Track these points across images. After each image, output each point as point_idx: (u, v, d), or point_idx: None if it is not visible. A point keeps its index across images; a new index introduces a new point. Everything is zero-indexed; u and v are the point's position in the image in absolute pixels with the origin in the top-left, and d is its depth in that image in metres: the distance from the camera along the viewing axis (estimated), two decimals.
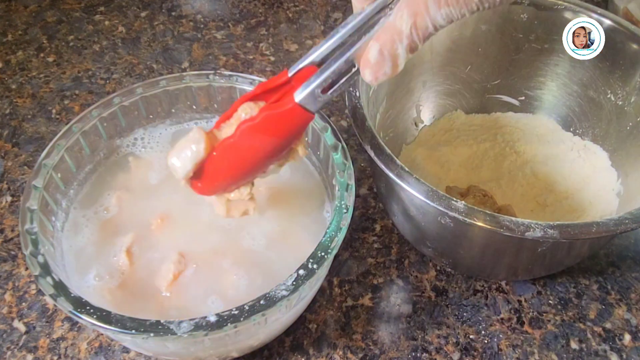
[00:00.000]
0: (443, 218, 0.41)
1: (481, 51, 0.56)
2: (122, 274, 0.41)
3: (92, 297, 0.37)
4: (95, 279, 0.40)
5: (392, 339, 0.47)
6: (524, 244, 0.41)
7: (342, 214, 0.39)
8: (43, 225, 0.39)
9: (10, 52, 0.70)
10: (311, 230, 0.44)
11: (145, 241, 0.43)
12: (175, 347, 0.37)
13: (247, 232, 0.44)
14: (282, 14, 0.77)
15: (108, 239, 0.43)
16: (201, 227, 0.44)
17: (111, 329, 0.33)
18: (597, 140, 0.54)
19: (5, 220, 0.54)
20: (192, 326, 0.33)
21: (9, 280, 0.50)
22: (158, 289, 0.41)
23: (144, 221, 0.44)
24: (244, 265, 0.42)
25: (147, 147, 0.48)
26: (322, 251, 0.37)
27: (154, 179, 0.46)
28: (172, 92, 0.47)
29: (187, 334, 0.33)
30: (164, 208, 0.44)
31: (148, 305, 0.40)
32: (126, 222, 0.44)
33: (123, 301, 0.40)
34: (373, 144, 0.42)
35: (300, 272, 0.36)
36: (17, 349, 0.46)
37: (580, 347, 0.48)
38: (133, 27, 0.75)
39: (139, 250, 0.42)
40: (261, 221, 0.44)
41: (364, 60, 0.32)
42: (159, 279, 0.41)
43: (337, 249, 0.37)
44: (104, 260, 0.42)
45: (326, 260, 0.36)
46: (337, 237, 0.37)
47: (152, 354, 0.42)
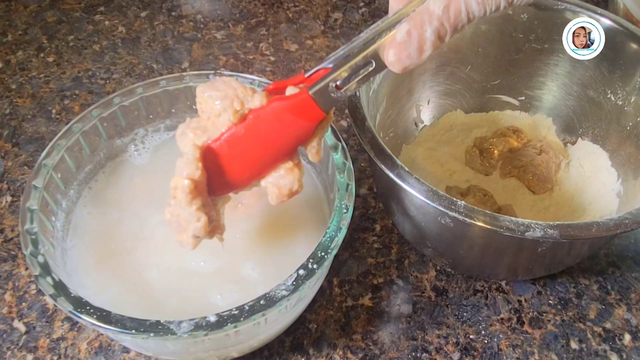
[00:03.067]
0: (443, 218, 0.41)
1: (481, 51, 0.56)
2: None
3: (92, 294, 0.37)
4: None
5: (392, 339, 0.47)
6: (524, 244, 0.41)
7: (342, 214, 0.39)
8: (43, 225, 0.39)
9: (10, 52, 0.70)
10: (311, 231, 0.44)
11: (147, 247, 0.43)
12: (175, 347, 0.37)
13: (240, 229, 0.44)
14: (282, 14, 0.77)
15: (109, 242, 0.43)
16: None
17: (111, 329, 0.33)
18: (597, 141, 0.54)
19: (5, 220, 0.54)
20: (192, 326, 0.33)
21: (9, 280, 0.50)
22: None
23: (145, 225, 0.44)
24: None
25: (147, 149, 0.48)
26: (322, 251, 0.37)
27: (155, 184, 0.46)
28: (172, 92, 0.47)
29: (187, 334, 0.33)
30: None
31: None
32: (127, 227, 0.44)
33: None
34: (373, 144, 0.42)
35: (300, 272, 0.36)
36: (17, 349, 0.46)
37: (580, 347, 0.48)
38: (133, 27, 0.75)
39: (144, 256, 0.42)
40: (257, 223, 0.44)
41: (390, 40, 0.31)
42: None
43: (337, 249, 0.37)
44: (107, 262, 0.42)
45: (326, 260, 0.36)
46: (337, 237, 0.37)
47: (152, 354, 0.42)
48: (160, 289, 0.41)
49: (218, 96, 0.34)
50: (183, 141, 0.35)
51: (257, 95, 0.34)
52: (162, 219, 0.43)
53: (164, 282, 0.41)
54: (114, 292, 0.40)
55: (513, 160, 0.55)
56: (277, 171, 0.36)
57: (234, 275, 0.41)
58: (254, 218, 0.45)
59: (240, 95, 0.34)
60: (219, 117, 0.34)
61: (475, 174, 0.56)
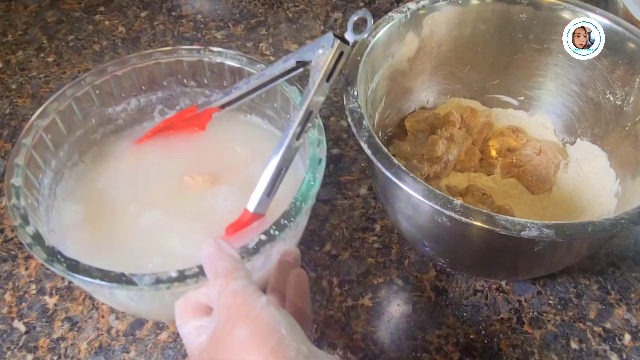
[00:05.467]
0: (440, 217, 0.41)
1: (480, 51, 0.56)
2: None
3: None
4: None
5: (392, 339, 0.48)
6: (521, 244, 0.41)
7: (310, 186, 0.39)
8: (29, 180, 0.41)
9: (10, 52, 0.71)
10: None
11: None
12: (141, 301, 0.38)
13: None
14: (282, 14, 0.77)
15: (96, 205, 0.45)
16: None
17: (79, 278, 0.34)
18: (596, 141, 0.54)
19: (5, 220, 0.54)
20: (154, 279, 0.34)
21: (9, 280, 0.50)
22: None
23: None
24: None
25: (139, 119, 0.50)
26: (285, 219, 0.37)
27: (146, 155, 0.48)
28: (164, 64, 0.48)
29: (148, 286, 0.34)
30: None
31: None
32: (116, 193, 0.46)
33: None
34: (370, 143, 0.42)
35: (262, 237, 0.36)
36: (17, 349, 0.46)
37: (580, 347, 0.48)
38: (133, 27, 0.75)
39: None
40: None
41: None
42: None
43: (301, 218, 0.38)
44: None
45: (288, 227, 0.37)
46: (303, 207, 0.38)
47: (124, 310, 0.44)
48: (140, 250, 0.42)
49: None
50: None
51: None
52: (149, 187, 0.45)
53: (146, 245, 0.42)
54: (94, 251, 0.41)
55: (512, 160, 0.55)
56: None
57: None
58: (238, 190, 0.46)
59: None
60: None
61: (475, 173, 0.56)
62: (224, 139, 0.50)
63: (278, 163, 0.40)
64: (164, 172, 0.47)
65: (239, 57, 0.48)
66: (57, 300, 0.49)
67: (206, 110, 0.47)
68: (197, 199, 0.45)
